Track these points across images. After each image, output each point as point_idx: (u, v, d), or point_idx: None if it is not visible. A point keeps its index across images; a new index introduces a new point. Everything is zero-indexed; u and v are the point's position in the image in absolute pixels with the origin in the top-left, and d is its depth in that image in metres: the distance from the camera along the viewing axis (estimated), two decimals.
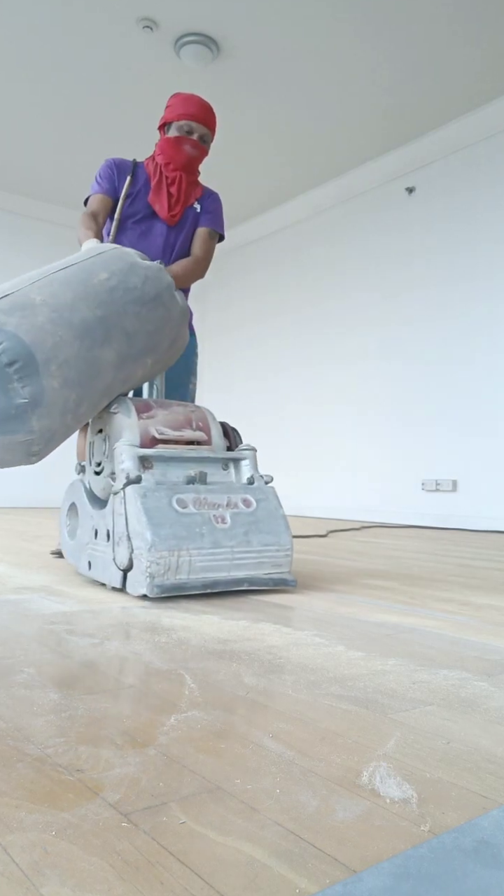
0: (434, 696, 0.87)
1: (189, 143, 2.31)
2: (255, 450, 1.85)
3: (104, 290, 1.62)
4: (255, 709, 0.80)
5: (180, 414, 1.83)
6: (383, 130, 4.62)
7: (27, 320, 1.45)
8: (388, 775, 0.62)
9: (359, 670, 0.98)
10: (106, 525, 1.67)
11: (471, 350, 4.40)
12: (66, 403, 1.51)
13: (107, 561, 1.66)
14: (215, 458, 1.80)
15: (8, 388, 1.40)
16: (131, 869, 0.46)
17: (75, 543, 1.87)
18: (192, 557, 1.55)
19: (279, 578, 1.67)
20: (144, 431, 1.73)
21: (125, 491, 1.60)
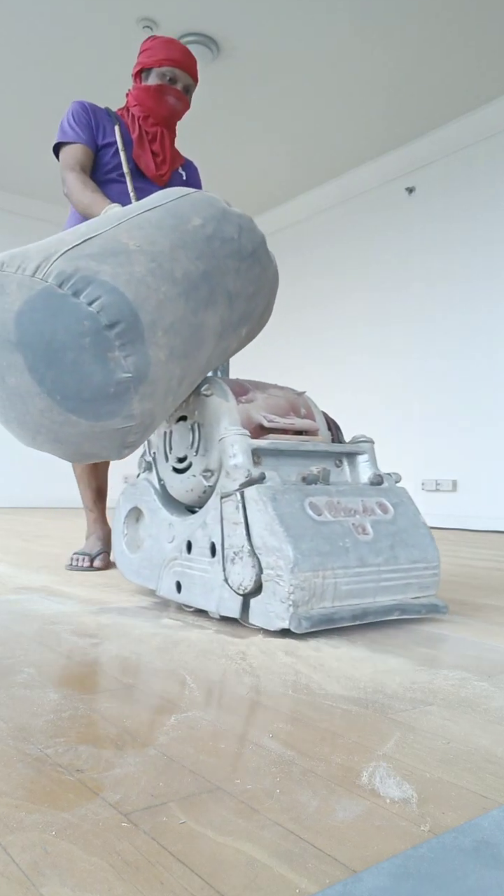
0: (434, 696, 0.87)
1: (172, 94, 2.00)
2: (373, 442, 1.54)
3: (201, 238, 1.31)
4: (255, 709, 0.80)
5: (282, 398, 1.53)
6: (383, 130, 4.62)
7: (124, 269, 1.16)
8: (388, 775, 0.62)
9: (359, 670, 0.98)
10: (209, 536, 1.32)
11: (471, 349, 4.40)
12: (169, 381, 1.21)
13: (211, 582, 1.30)
14: (332, 451, 1.48)
15: (107, 357, 1.10)
16: (131, 869, 0.46)
17: (141, 558, 1.52)
18: (337, 579, 1.21)
19: (430, 604, 1.32)
20: (247, 418, 1.42)
21: (245, 493, 1.26)
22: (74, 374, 1.11)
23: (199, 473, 1.40)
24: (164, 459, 1.51)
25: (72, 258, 1.13)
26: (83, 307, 1.09)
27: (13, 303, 1.12)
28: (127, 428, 1.18)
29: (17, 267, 1.13)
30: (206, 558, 1.33)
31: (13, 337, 1.12)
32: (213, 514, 1.32)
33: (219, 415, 1.40)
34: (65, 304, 1.09)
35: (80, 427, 1.16)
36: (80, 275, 1.10)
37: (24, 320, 1.11)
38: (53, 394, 1.12)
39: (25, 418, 1.19)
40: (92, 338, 1.09)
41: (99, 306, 1.09)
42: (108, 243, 1.19)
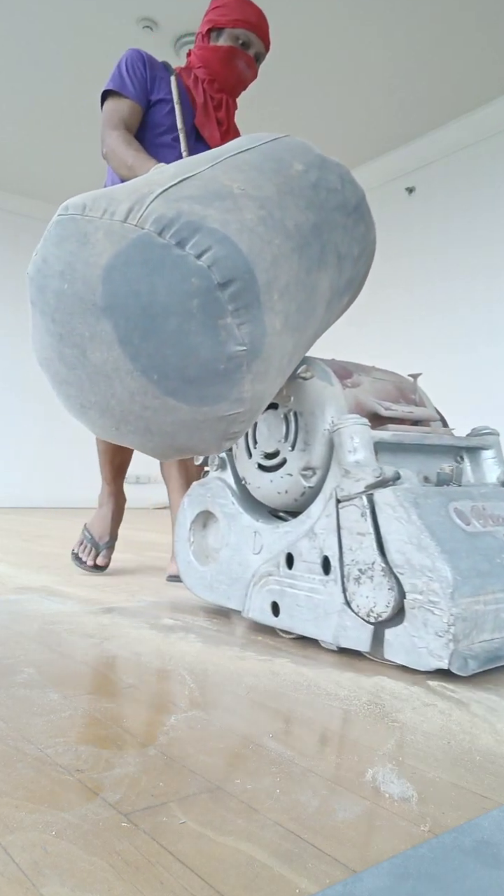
0: (434, 695, 0.87)
1: (244, 59, 1.80)
2: (497, 434, 1.33)
3: (307, 186, 1.09)
4: (255, 708, 0.80)
5: (389, 382, 1.31)
6: (383, 130, 4.62)
7: (233, 216, 0.94)
8: (388, 775, 0.62)
9: (358, 671, 0.98)
10: (319, 548, 1.09)
11: (471, 349, 4.40)
12: (282, 358, 1.01)
13: (325, 605, 1.07)
14: (456, 446, 1.27)
15: (218, 325, 0.89)
16: (131, 869, 0.46)
17: (216, 571, 1.31)
18: (498, 605, 0.97)
19: None
20: (357, 405, 1.20)
21: (375, 496, 1.04)
22: (177, 347, 0.89)
23: (296, 472, 1.18)
24: (247, 455, 1.28)
25: (171, 200, 0.91)
26: (191, 261, 0.87)
27: (100, 256, 0.90)
28: (234, 415, 0.96)
29: (104, 211, 0.92)
30: (317, 576, 1.09)
31: (100, 300, 0.91)
32: (326, 522, 1.09)
33: (323, 401, 1.16)
34: (167, 256, 0.87)
35: (179, 414, 0.95)
36: (184, 220, 0.89)
37: (115, 278, 0.90)
38: (150, 372, 0.92)
39: (110, 403, 0.98)
40: (201, 300, 0.87)
41: (210, 259, 0.87)
42: (209, 184, 0.97)
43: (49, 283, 0.95)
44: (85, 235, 0.92)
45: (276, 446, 1.22)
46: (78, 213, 0.93)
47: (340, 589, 1.05)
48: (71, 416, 1.09)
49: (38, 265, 0.97)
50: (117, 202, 0.92)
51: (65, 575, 1.89)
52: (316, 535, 1.10)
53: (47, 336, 0.99)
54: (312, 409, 1.17)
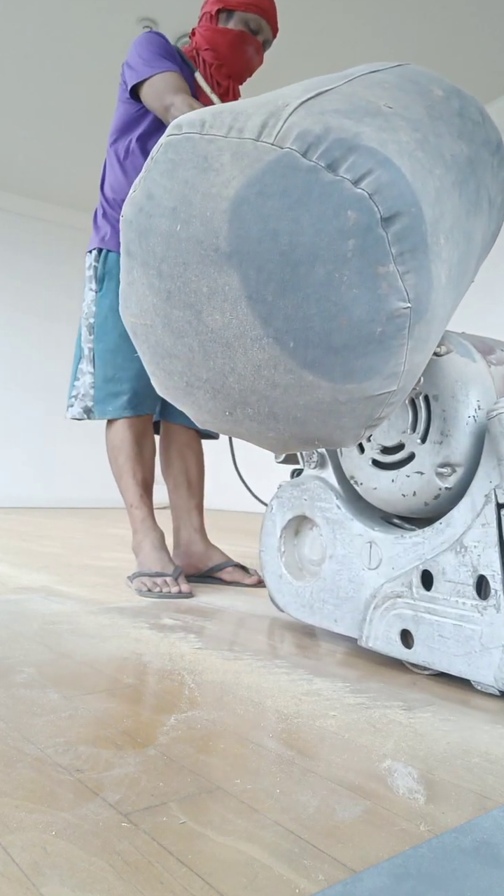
0: (434, 695, 0.87)
1: (253, 45, 1.71)
2: None
3: (453, 112, 0.89)
4: (255, 708, 0.80)
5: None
6: None
7: (390, 137, 0.73)
8: (388, 775, 0.62)
9: (358, 670, 0.98)
10: (471, 566, 0.89)
11: None
12: (442, 321, 0.82)
13: (480, 637, 0.87)
14: None
15: (377, 273, 0.69)
16: (131, 869, 0.46)
17: (317, 588, 1.13)
18: None
19: None
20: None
21: None
22: (324, 304, 0.70)
23: (429, 469, 0.97)
24: (358, 449, 1.08)
25: (314, 112, 0.71)
26: (347, 187, 0.68)
27: (226, 186, 0.71)
28: (384, 395, 0.76)
29: (229, 128, 0.72)
30: (469, 600, 0.89)
31: (225, 244, 0.72)
32: (480, 533, 0.88)
33: (466, 381, 0.94)
34: (315, 182, 0.68)
35: (317, 393, 0.76)
36: (334, 136, 0.69)
37: (246, 214, 0.70)
38: (284, 338, 0.73)
39: (227, 381, 0.79)
40: (359, 239, 0.68)
41: (372, 186, 0.68)
42: (353, 99, 0.76)
43: (156, 224, 0.76)
44: (206, 159, 0.73)
45: (400, 438, 1.00)
46: (195, 130, 0.74)
47: (494, 617, 0.85)
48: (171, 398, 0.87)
49: (140, 203, 0.77)
50: (246, 116, 0.73)
51: (65, 575, 1.89)
52: (466, 549, 0.89)
53: (150, 295, 0.80)
54: (453, 392, 0.94)
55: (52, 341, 5.86)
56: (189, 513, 1.85)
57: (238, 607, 1.46)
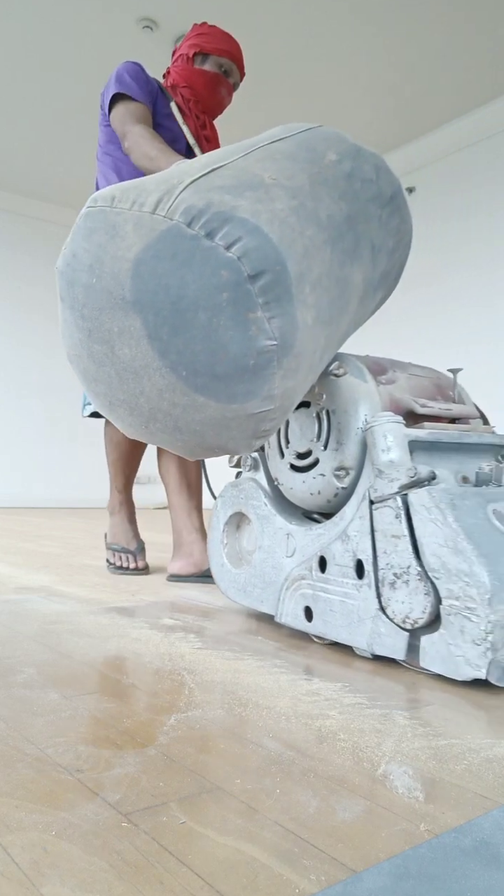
0: (434, 695, 0.87)
1: (225, 86, 1.91)
2: None
3: (341, 176, 1.06)
4: (255, 708, 0.80)
5: (426, 379, 1.27)
6: (383, 130, 4.62)
7: (264, 206, 0.91)
8: (388, 775, 0.62)
9: (358, 670, 0.98)
10: (352, 551, 1.07)
11: (470, 349, 4.40)
12: (313, 353, 0.97)
13: (359, 611, 1.04)
14: (495, 444, 1.21)
15: (248, 319, 0.86)
16: (131, 869, 0.46)
17: (249, 574, 1.28)
18: None
19: None
20: (391, 403, 1.16)
21: (410, 497, 1.01)
22: (207, 342, 0.87)
23: (329, 472, 1.14)
24: (279, 455, 1.25)
25: (201, 190, 0.90)
26: (220, 252, 0.85)
27: (129, 249, 0.89)
28: (264, 413, 0.94)
29: (133, 202, 0.90)
30: (350, 580, 1.06)
31: (129, 294, 0.89)
32: (359, 525, 1.06)
33: (356, 399, 1.12)
34: (196, 248, 0.85)
35: (208, 411, 0.93)
36: (214, 210, 0.87)
37: (144, 272, 0.87)
38: (178, 368, 0.90)
39: (139, 401, 0.97)
40: (231, 293, 0.85)
41: (241, 251, 0.85)
42: (240, 174, 0.95)
43: (78, 277, 0.93)
44: (114, 228, 0.90)
45: (309, 446, 1.19)
46: (107, 204, 0.92)
47: (375, 594, 1.01)
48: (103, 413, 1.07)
49: (68, 259, 0.95)
50: (147, 193, 0.90)
51: (65, 575, 1.89)
52: (349, 538, 1.07)
53: (76, 332, 0.97)
54: (345, 407, 1.13)
55: (52, 341, 5.86)
56: (189, 513, 1.91)
57: (237, 607, 1.47)
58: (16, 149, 4.98)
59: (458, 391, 1.29)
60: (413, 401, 1.17)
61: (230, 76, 1.90)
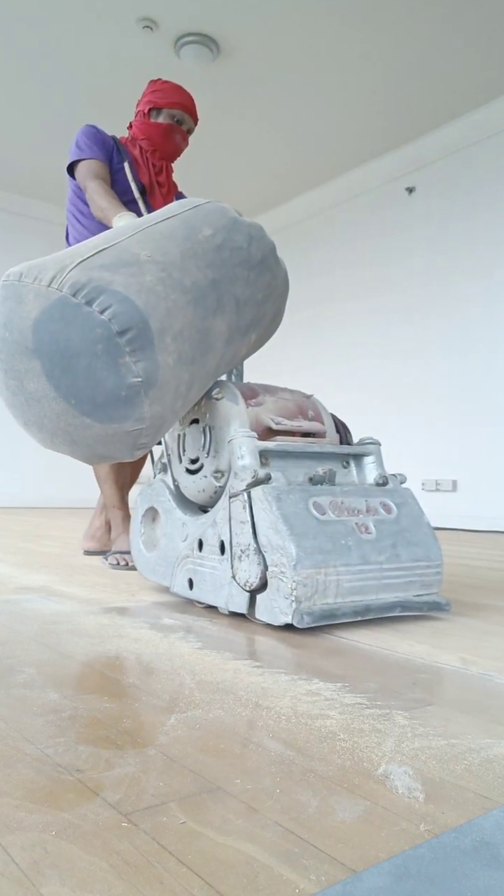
0: (434, 695, 0.87)
1: (179, 134, 2.22)
2: (379, 444, 1.57)
3: (211, 248, 1.38)
4: (255, 708, 0.80)
5: (290, 401, 1.56)
6: (383, 130, 4.62)
7: (135, 279, 1.22)
8: (388, 775, 0.62)
9: (357, 670, 0.98)
10: (218, 534, 1.37)
11: (470, 349, 4.40)
12: (178, 385, 1.27)
13: (220, 579, 1.35)
14: (339, 453, 1.52)
15: (118, 363, 1.16)
16: (131, 869, 0.46)
17: (157, 556, 1.58)
18: (339, 576, 1.25)
19: (432, 602, 1.35)
20: (256, 421, 1.46)
21: (252, 493, 1.30)
22: (88, 380, 1.16)
23: (210, 474, 1.45)
24: (178, 461, 1.56)
25: (86, 269, 1.20)
26: (96, 315, 1.15)
27: (30, 312, 1.19)
28: (138, 430, 1.23)
29: (34, 278, 1.20)
30: (216, 556, 1.37)
31: (31, 344, 1.19)
32: (223, 514, 1.37)
33: (229, 418, 1.44)
34: (79, 312, 1.16)
35: (94, 430, 1.21)
36: (93, 285, 1.17)
37: (41, 329, 1.17)
38: (69, 398, 1.18)
39: (43, 421, 1.25)
40: (104, 344, 1.15)
41: (111, 314, 1.15)
42: (121, 254, 1.25)
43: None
44: (21, 296, 1.21)
45: (197, 454, 1.50)
46: (16, 279, 1.22)
47: (230, 566, 1.34)
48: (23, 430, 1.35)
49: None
50: (45, 270, 1.21)
51: (65, 575, 1.89)
52: (217, 524, 1.39)
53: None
54: (221, 424, 1.45)
55: None
56: None
57: None
58: (16, 149, 4.98)
59: (317, 410, 1.59)
60: (271, 419, 1.48)
61: (183, 124, 2.21)
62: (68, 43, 3.78)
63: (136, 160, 2.21)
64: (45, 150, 5.00)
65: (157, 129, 2.19)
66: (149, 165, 2.21)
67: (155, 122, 2.19)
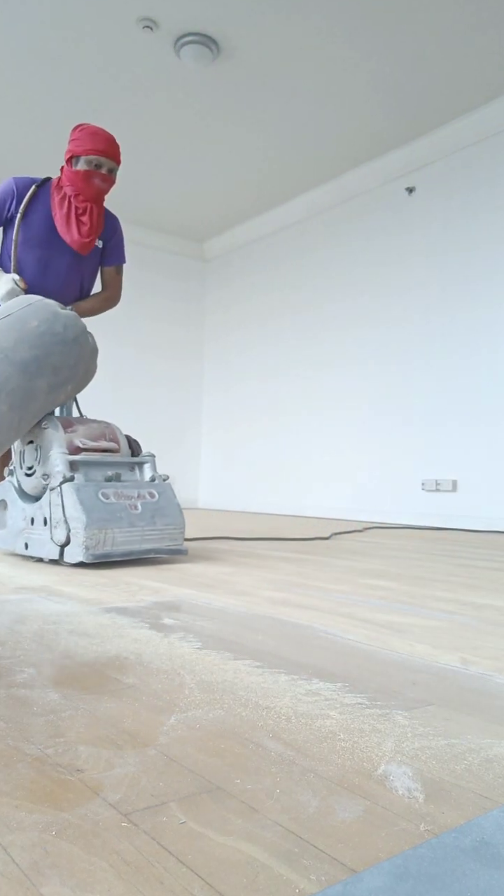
0: (434, 695, 0.87)
1: (98, 177, 2.43)
2: (154, 456, 2.44)
3: (36, 334, 2.00)
4: (255, 708, 0.80)
5: (96, 429, 2.38)
6: (383, 130, 4.62)
7: None
8: (387, 775, 0.62)
9: (357, 670, 0.98)
10: (43, 514, 2.20)
11: (471, 350, 4.40)
12: (10, 423, 1.94)
13: (44, 541, 2.19)
14: (125, 462, 2.39)
15: None
16: (131, 869, 0.46)
17: (6, 532, 2.40)
18: (114, 535, 2.11)
19: (175, 549, 2.27)
20: (70, 442, 2.27)
21: (62, 487, 2.12)
22: None
23: (39, 476, 2.26)
24: (20, 468, 2.36)
25: None
26: None
27: None
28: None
29: None
30: (42, 527, 2.21)
31: None
32: (46, 501, 2.20)
33: (52, 440, 2.25)
34: None
35: None
36: None
37: None
38: None
39: None
40: None
41: None
42: None
43: None
44: None
45: (32, 463, 2.31)
46: None
47: (49, 532, 2.17)
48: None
49: None
50: None
51: (65, 575, 1.89)
52: (42, 508, 2.22)
53: None
54: (47, 445, 2.26)
55: None
56: None
57: (237, 607, 1.47)
58: (16, 149, 4.98)
59: (115, 434, 2.42)
60: (80, 441, 2.30)
61: (102, 167, 2.43)
62: (68, 43, 3.78)
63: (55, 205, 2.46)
64: (45, 150, 4.99)
65: (77, 175, 2.42)
66: (72, 209, 2.45)
67: (76, 170, 2.42)
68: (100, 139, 2.41)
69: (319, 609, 1.46)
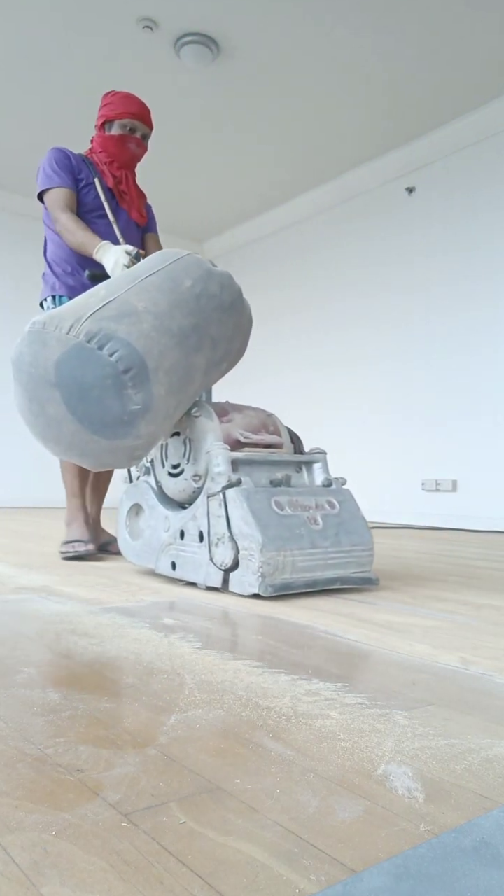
0: (434, 695, 0.87)
1: (133, 142, 2.35)
2: (325, 453, 1.91)
3: (192, 297, 1.65)
4: (255, 708, 0.80)
5: (255, 418, 1.90)
6: (383, 130, 4.62)
7: (135, 328, 1.50)
8: (387, 775, 0.62)
9: (357, 670, 0.98)
10: (198, 526, 1.72)
11: (471, 350, 4.40)
12: (167, 409, 1.59)
13: (199, 562, 1.71)
14: (293, 461, 1.87)
15: (122, 394, 1.46)
16: (131, 869, 0.46)
17: (142, 544, 1.92)
18: (294, 558, 1.61)
19: (365, 577, 1.73)
20: (227, 435, 1.79)
21: (226, 493, 1.65)
22: (98, 407, 1.47)
23: (189, 477, 1.77)
24: (161, 466, 1.88)
25: (96, 320, 1.49)
26: (105, 358, 1.45)
27: (53, 353, 1.48)
28: (135, 445, 1.55)
29: (56, 327, 1.49)
30: (196, 543, 1.73)
31: (53, 379, 1.48)
32: (202, 510, 1.71)
33: (205, 432, 1.77)
34: (92, 355, 1.46)
35: (101, 444, 1.53)
36: (103, 333, 1.47)
37: (62, 367, 1.47)
38: (83, 421, 1.49)
39: (60, 438, 1.56)
40: (112, 380, 1.46)
41: (117, 357, 1.45)
42: (122, 306, 1.54)
43: (24, 366, 1.54)
44: (45, 341, 1.50)
45: (179, 460, 1.82)
46: (41, 328, 1.51)
47: (207, 551, 1.69)
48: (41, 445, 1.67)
49: (17, 356, 1.55)
50: (64, 321, 1.50)
51: (65, 575, 1.89)
52: (196, 518, 1.73)
53: (21, 396, 1.58)
54: (199, 437, 1.77)
55: None
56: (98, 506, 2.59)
57: (237, 607, 1.47)
58: (16, 149, 4.98)
59: (277, 426, 1.92)
60: (240, 433, 1.82)
61: (136, 131, 2.35)
62: (68, 43, 3.77)
63: (102, 173, 2.36)
64: (45, 150, 4.99)
65: (111, 140, 2.34)
66: (110, 175, 2.36)
67: (109, 134, 2.34)
68: (133, 102, 2.34)
69: (319, 609, 1.46)
